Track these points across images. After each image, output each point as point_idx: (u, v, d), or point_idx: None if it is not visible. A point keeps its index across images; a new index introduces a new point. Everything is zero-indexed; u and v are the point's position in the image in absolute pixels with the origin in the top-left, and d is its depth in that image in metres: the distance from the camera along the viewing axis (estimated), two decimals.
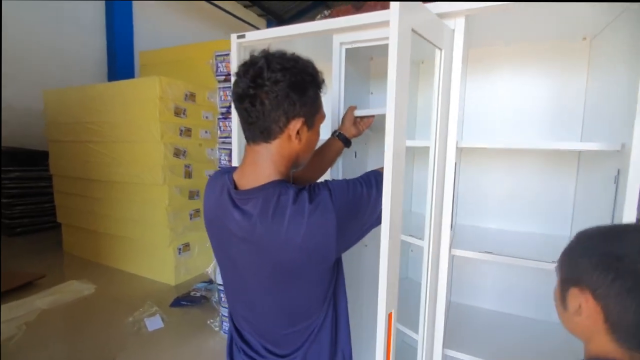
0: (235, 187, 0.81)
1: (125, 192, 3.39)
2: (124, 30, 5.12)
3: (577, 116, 1.31)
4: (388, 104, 0.76)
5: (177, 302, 2.87)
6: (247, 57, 0.78)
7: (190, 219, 3.42)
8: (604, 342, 0.54)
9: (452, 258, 1.10)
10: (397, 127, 0.77)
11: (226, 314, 2.47)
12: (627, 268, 0.50)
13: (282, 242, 0.74)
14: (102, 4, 5.13)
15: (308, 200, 0.73)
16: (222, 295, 2.47)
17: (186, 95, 3.28)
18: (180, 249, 3.32)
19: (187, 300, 2.93)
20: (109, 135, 3.39)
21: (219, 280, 2.43)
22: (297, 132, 0.77)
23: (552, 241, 1.29)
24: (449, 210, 1.07)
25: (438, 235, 1.08)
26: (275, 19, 9.10)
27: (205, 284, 3.23)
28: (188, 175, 3.36)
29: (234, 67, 1.30)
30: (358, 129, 1.12)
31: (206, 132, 3.53)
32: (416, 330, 1.14)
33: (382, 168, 0.82)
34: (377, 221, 0.82)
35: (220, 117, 2.36)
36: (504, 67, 1.42)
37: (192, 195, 3.42)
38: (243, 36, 1.29)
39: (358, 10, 2.56)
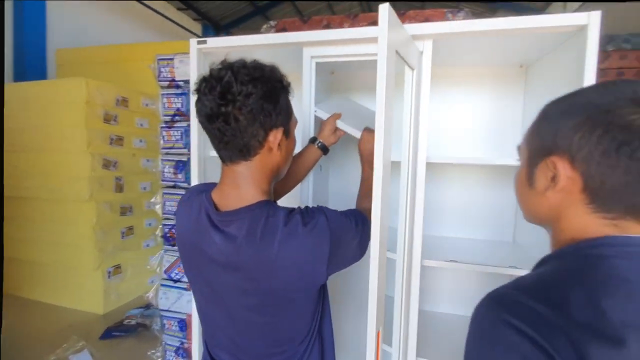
0: (216, 209, 0.74)
1: (39, 209, 2.92)
2: (35, 25, 4.46)
3: (516, 135, 1.47)
4: (377, 126, 0.77)
5: (108, 334, 2.53)
6: (204, 67, 0.72)
7: (122, 237, 3.07)
8: (579, 215, 0.48)
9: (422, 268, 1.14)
10: (386, 149, 0.78)
11: (170, 343, 2.25)
12: (618, 121, 0.42)
13: (272, 265, 0.69)
14: None
15: (302, 224, 0.70)
16: (165, 322, 2.24)
17: (118, 100, 2.97)
18: (109, 272, 2.94)
19: (120, 330, 2.60)
20: (17, 143, 2.89)
21: (163, 305, 2.20)
22: (279, 144, 0.74)
23: (499, 246, 1.42)
24: (420, 222, 1.12)
25: (410, 247, 1.12)
26: (212, 24, 8.78)
27: (141, 309, 2.91)
28: (119, 188, 3.02)
29: (193, 74, 1.21)
30: (337, 136, 1.12)
31: (141, 140, 3.23)
32: (387, 342, 1.15)
33: (364, 210, 0.85)
34: (356, 259, 0.82)
35: (164, 125, 2.16)
36: (454, 88, 1.53)
37: (125, 211, 3.08)
38: (204, 42, 1.20)
39: (305, 23, 2.57)
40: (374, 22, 2.26)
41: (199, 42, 1.21)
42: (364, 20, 2.28)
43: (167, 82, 2.15)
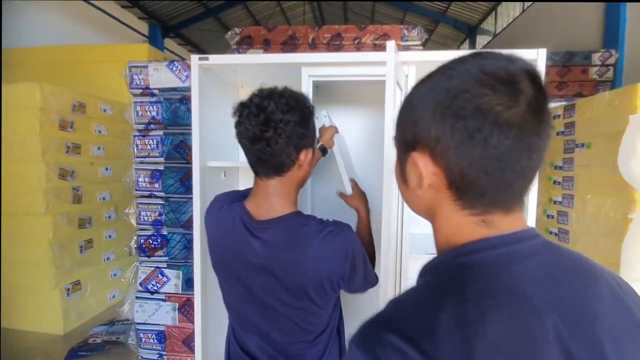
0: (251, 217, 0.84)
1: None
2: None
3: None
4: (386, 141, 0.92)
5: (73, 354, 2.38)
6: (205, 82, 0.83)
7: (81, 251, 2.88)
8: (450, 213, 0.44)
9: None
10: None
11: (147, 357, 2.19)
12: (466, 106, 0.38)
13: (304, 268, 0.81)
14: None
15: (333, 234, 0.82)
16: (141, 335, 2.18)
17: (74, 105, 2.79)
18: (68, 290, 2.75)
19: (86, 349, 2.46)
20: None
21: (139, 318, 2.14)
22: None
23: None
24: (408, 222, 1.28)
25: (401, 244, 1.28)
26: (159, 24, 8.40)
27: (105, 326, 2.76)
28: (77, 199, 2.84)
29: (195, 90, 1.26)
30: (333, 141, 1.25)
31: (99, 148, 3.06)
32: None
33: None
34: (363, 282, 0.91)
35: (137, 134, 2.12)
36: None
37: (84, 223, 2.89)
38: (206, 58, 1.26)
39: (270, 32, 2.66)
40: (338, 34, 2.46)
41: (200, 59, 1.26)
42: (327, 31, 2.46)
43: (140, 90, 2.12)
